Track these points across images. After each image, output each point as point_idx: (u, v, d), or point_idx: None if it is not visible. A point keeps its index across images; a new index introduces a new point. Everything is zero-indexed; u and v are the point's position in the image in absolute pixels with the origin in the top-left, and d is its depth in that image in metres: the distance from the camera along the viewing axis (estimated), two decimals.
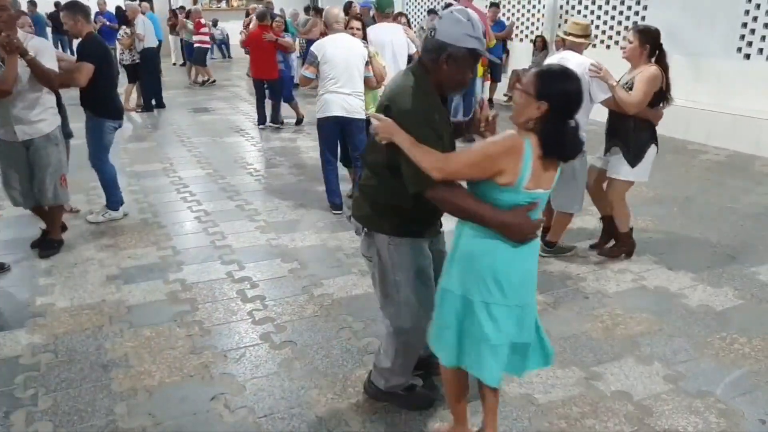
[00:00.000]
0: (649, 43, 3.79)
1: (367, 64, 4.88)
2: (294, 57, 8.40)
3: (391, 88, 2.18)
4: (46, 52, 3.89)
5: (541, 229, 2.04)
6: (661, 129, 4.04)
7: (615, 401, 2.69)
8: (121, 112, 4.77)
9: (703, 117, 7.58)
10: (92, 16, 13.20)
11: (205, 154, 7.16)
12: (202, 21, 13.19)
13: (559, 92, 1.87)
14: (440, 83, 2.14)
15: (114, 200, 4.86)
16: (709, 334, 3.24)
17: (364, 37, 5.19)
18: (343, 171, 5.38)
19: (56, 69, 3.94)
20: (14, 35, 3.61)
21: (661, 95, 3.82)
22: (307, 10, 13.83)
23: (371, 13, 6.37)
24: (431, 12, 11.28)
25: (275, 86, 8.66)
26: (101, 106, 4.54)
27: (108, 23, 13.49)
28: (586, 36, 4.00)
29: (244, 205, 5.34)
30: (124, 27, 9.81)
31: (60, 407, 2.63)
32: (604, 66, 3.77)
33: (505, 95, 10.74)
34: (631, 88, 3.76)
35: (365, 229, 2.35)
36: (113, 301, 3.58)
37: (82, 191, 5.59)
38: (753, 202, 5.44)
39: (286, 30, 9.63)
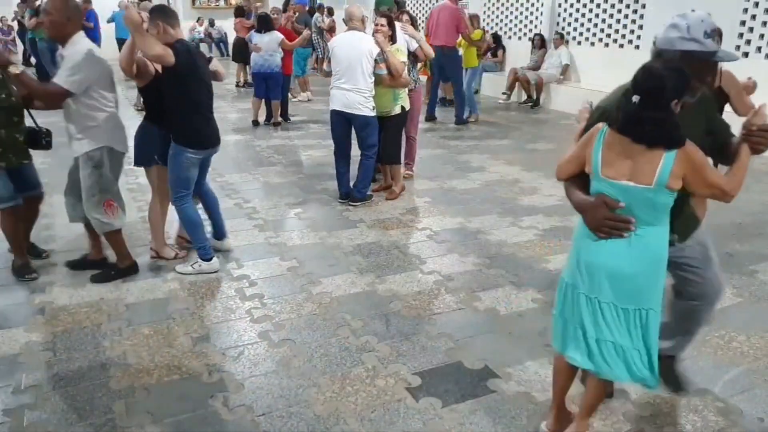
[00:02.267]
0: None
1: (377, 62, 4.96)
2: (262, 56, 8.22)
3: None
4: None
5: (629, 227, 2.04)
6: None
7: (613, 399, 2.68)
8: (206, 142, 3.87)
9: None
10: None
11: None
12: None
13: None
14: None
15: (199, 247, 3.96)
16: (708, 333, 3.24)
17: (393, 36, 5.20)
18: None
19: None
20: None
21: None
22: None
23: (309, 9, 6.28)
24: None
25: None
26: (175, 130, 3.77)
27: (84, 22, 13.37)
28: None
29: (243, 204, 5.34)
30: None
31: (58, 405, 2.63)
32: None
33: (503, 93, 10.73)
34: None
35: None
36: (112, 300, 3.58)
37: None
38: (751, 200, 5.44)
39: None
